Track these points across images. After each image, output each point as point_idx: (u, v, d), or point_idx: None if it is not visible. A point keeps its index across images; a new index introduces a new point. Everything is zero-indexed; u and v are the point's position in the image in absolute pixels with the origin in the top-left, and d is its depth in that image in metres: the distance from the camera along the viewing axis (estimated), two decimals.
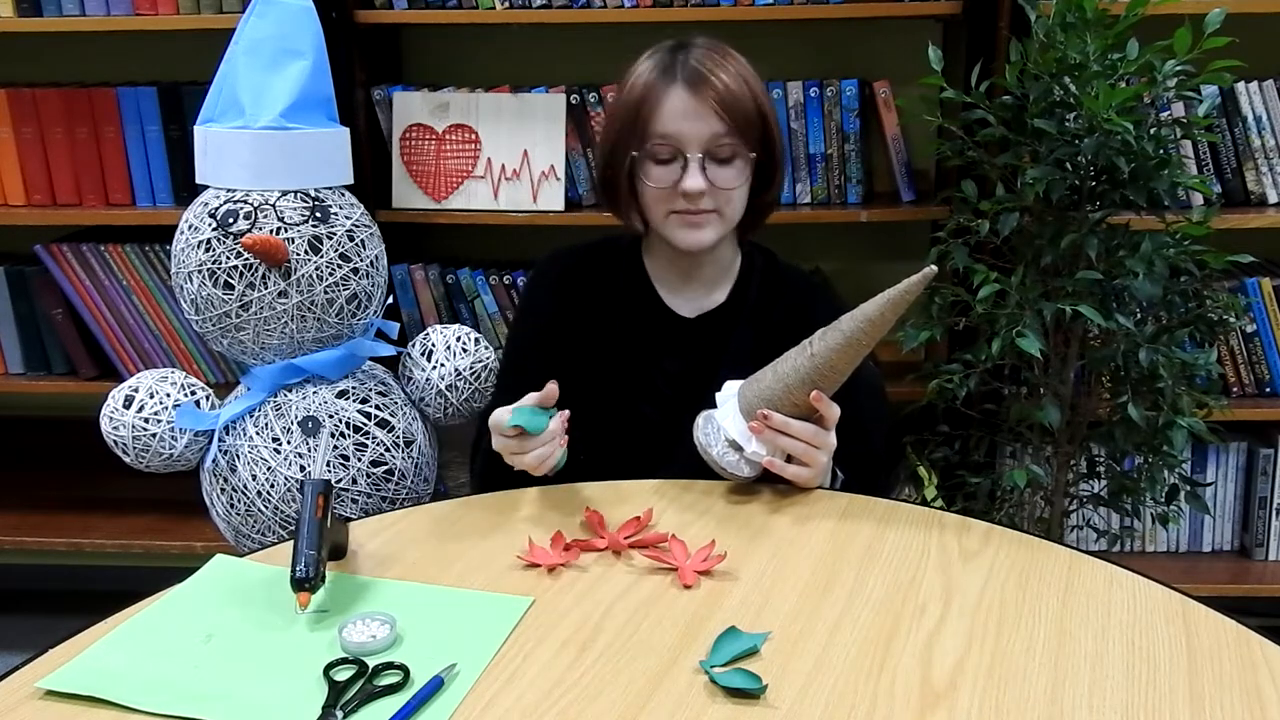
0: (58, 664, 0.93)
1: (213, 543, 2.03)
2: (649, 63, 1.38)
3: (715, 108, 1.32)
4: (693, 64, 1.34)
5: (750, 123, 1.34)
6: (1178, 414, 1.64)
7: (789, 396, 1.22)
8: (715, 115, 1.32)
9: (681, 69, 1.34)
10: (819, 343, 1.21)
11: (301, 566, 1.00)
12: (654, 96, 1.34)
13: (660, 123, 1.33)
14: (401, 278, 2.11)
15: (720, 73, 1.34)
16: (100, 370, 2.18)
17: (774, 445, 1.23)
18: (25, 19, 2.03)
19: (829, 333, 1.21)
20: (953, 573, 1.08)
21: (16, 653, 1.15)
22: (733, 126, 1.33)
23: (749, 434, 1.23)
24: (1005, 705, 0.87)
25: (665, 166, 1.35)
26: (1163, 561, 2.15)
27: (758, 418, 1.22)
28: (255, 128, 1.54)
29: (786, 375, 1.22)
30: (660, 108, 1.33)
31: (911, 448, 1.93)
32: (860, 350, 1.20)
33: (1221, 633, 0.97)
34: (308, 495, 1.06)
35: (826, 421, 1.24)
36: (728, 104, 1.32)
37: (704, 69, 1.34)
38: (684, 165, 1.33)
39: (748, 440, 1.23)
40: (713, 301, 1.46)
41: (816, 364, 1.20)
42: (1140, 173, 1.60)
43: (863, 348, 1.20)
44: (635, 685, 0.90)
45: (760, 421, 1.21)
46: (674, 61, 1.36)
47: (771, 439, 1.22)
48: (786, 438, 1.22)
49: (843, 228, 2.08)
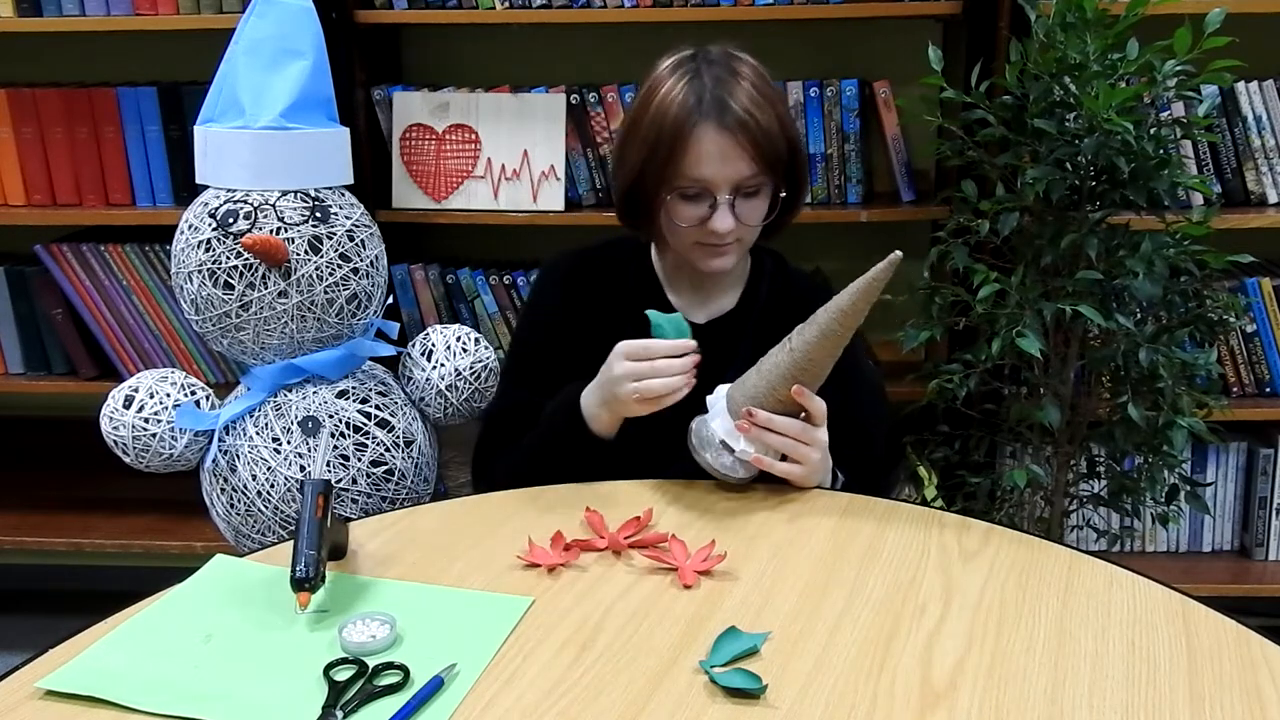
0: (58, 664, 0.93)
1: (213, 543, 2.03)
2: (676, 87, 1.32)
3: (749, 151, 1.30)
4: (723, 97, 1.30)
5: (780, 159, 1.33)
6: (1178, 414, 1.64)
7: (773, 394, 1.22)
8: (748, 158, 1.30)
9: (713, 104, 1.30)
10: (797, 338, 1.22)
11: (301, 566, 1.00)
12: (684, 135, 1.30)
13: (691, 166, 1.31)
14: (401, 278, 2.11)
15: (752, 109, 1.30)
16: (100, 370, 2.18)
17: (763, 443, 1.23)
18: (25, 19, 2.03)
19: (806, 328, 1.22)
20: (953, 573, 1.08)
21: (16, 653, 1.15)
22: (763, 167, 1.32)
23: (737, 433, 1.23)
24: (1005, 705, 0.87)
25: (693, 203, 1.33)
26: (1163, 561, 2.15)
27: (743, 416, 1.22)
28: (255, 128, 1.54)
29: (769, 373, 1.23)
30: (691, 151, 1.30)
31: (911, 448, 1.93)
32: (838, 342, 1.20)
33: (1221, 633, 0.97)
34: (308, 495, 1.06)
35: (813, 417, 1.24)
36: (760, 145, 1.30)
37: (736, 105, 1.29)
38: (712, 204, 1.32)
39: (736, 440, 1.23)
40: (722, 307, 1.46)
41: (796, 359, 1.21)
42: (1140, 173, 1.60)
43: (839, 339, 1.20)
44: (635, 685, 0.90)
45: (746, 420, 1.22)
46: (702, 89, 1.31)
47: (759, 436, 1.22)
48: (774, 435, 1.22)
49: (843, 228, 2.08)
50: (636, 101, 1.39)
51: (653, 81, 1.36)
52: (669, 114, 1.31)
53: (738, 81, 1.32)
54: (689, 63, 1.35)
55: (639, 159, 1.35)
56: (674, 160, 1.31)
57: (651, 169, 1.33)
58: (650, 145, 1.33)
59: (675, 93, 1.32)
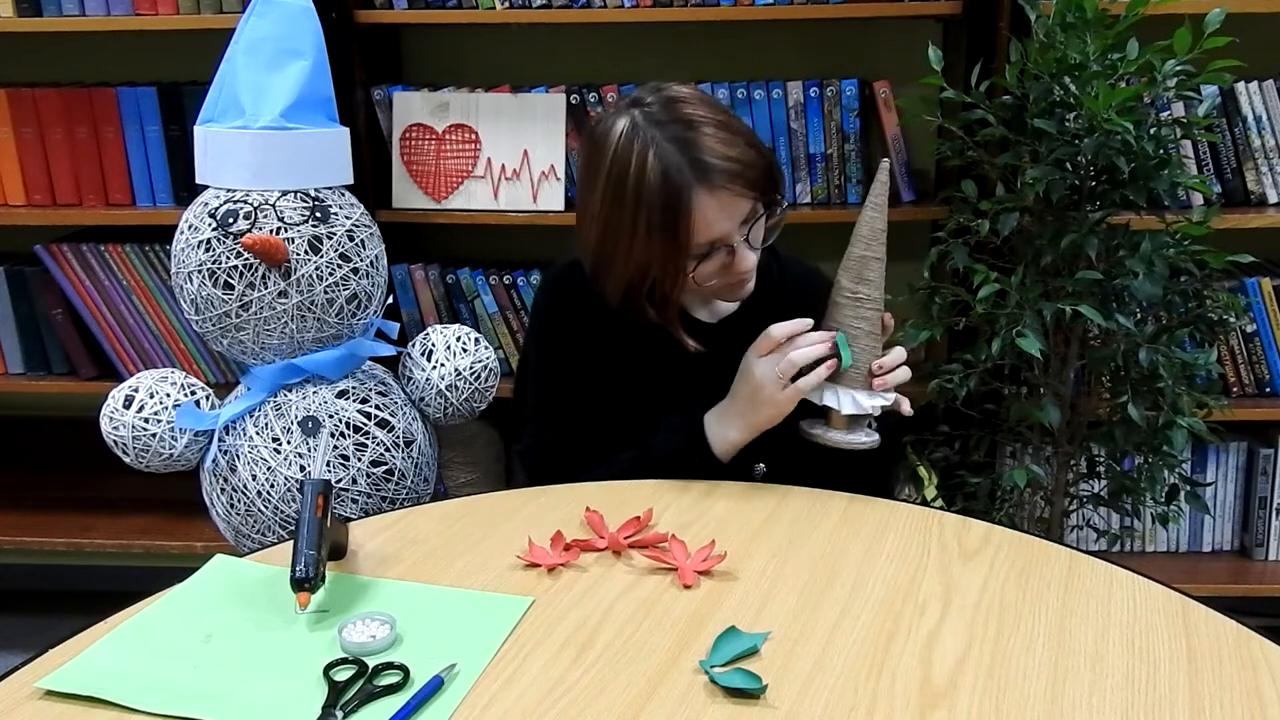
0: (58, 664, 0.93)
1: (213, 543, 2.03)
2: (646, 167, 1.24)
3: (742, 192, 1.27)
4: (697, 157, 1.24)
5: (764, 176, 1.30)
6: (1178, 414, 1.64)
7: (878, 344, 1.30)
8: (743, 198, 1.27)
9: (691, 168, 1.24)
10: (863, 287, 1.28)
11: (301, 567, 1.00)
12: (682, 211, 1.24)
13: (701, 234, 1.26)
14: (401, 278, 2.11)
15: (727, 150, 1.26)
16: (100, 370, 2.18)
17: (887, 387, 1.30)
18: (25, 19, 2.03)
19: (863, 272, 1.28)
20: (953, 573, 1.08)
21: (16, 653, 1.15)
22: (757, 195, 1.30)
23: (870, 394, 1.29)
24: (1005, 705, 0.87)
25: (710, 260, 1.30)
26: (1163, 561, 2.15)
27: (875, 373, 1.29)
28: (255, 128, 1.54)
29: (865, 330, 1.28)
30: (695, 223, 1.25)
31: (911, 448, 1.93)
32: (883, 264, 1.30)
33: (1221, 633, 0.97)
34: (308, 495, 1.06)
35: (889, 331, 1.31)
36: (748, 180, 1.27)
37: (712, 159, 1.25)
38: (729, 250, 1.30)
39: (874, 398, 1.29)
40: (727, 307, 1.45)
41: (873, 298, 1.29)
42: (1140, 173, 1.60)
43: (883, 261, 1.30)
44: (635, 685, 0.90)
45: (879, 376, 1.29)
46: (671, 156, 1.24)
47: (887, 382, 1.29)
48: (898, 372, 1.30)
49: (843, 228, 2.06)
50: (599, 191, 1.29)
51: (611, 165, 1.27)
52: (651, 198, 1.25)
53: (697, 129, 1.26)
54: (636, 133, 1.26)
55: (640, 252, 1.28)
56: (681, 239, 1.26)
57: (659, 256, 1.28)
58: (645, 236, 1.26)
59: (647, 174, 1.25)
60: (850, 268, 1.29)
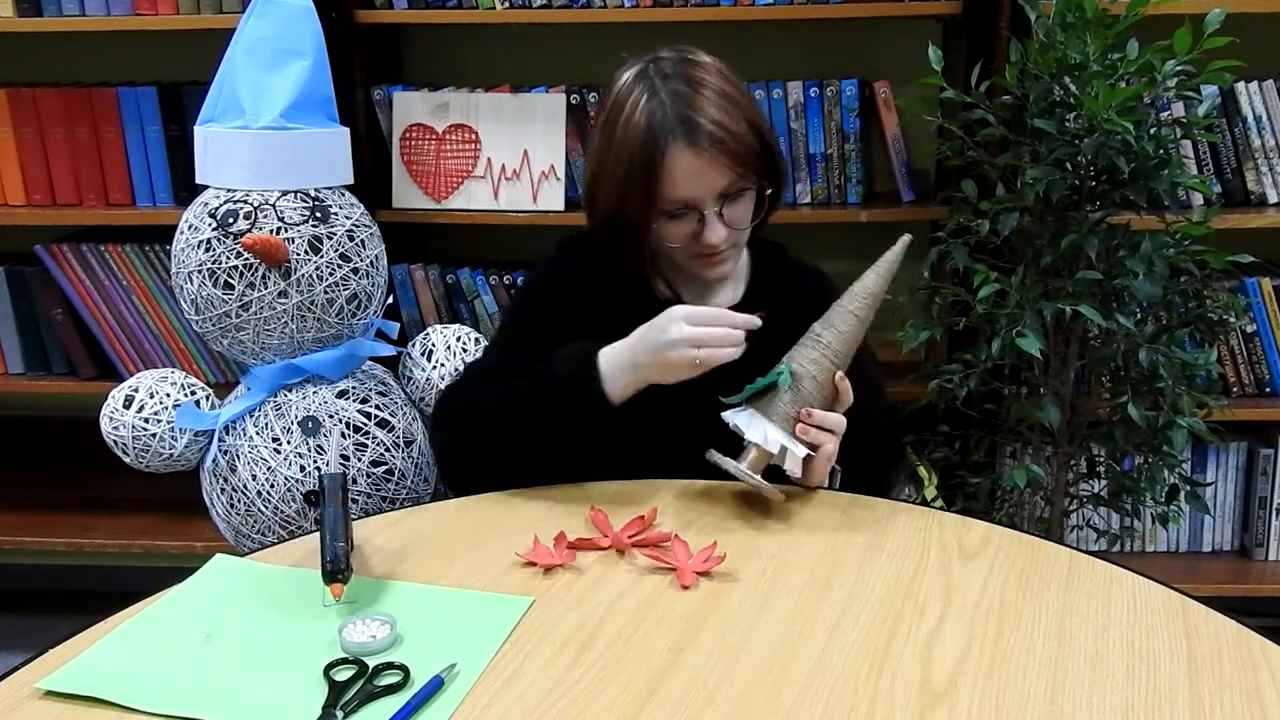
0: (58, 664, 0.93)
1: (213, 543, 2.03)
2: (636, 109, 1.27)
3: (725, 161, 1.26)
4: (687, 113, 1.25)
5: (757, 159, 1.30)
6: (1178, 414, 1.64)
7: (821, 391, 1.23)
8: (725, 168, 1.27)
9: (678, 122, 1.25)
10: (829, 332, 1.24)
11: (331, 559, 1.01)
12: (655, 161, 1.26)
13: (670, 189, 1.27)
14: (401, 278, 2.11)
15: (721, 118, 1.26)
16: (100, 370, 2.18)
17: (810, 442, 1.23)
18: (25, 19, 2.03)
19: (835, 321, 1.24)
20: (953, 573, 1.08)
21: (16, 653, 1.15)
22: (742, 171, 1.29)
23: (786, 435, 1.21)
24: (1005, 705, 0.87)
25: (680, 221, 1.31)
26: (1163, 561, 2.15)
27: (803, 418, 1.21)
28: (255, 128, 1.54)
29: (811, 374, 1.23)
30: (667, 175, 1.26)
31: (911, 448, 1.93)
32: (864, 327, 1.26)
33: (1221, 633, 0.97)
34: (331, 488, 1.07)
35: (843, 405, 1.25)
36: (736, 153, 1.27)
37: (703, 119, 1.25)
38: (700, 218, 1.29)
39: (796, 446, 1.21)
40: (726, 301, 1.42)
41: (835, 350, 1.24)
42: (1140, 173, 1.60)
43: (866, 324, 1.26)
44: (635, 685, 0.90)
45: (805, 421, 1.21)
46: (662, 107, 1.26)
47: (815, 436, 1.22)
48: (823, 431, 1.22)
49: (843, 228, 2.08)
50: (599, 130, 1.33)
51: (611, 106, 1.31)
52: (635, 141, 1.27)
53: (699, 91, 1.27)
54: (642, 79, 1.30)
55: (614, 193, 1.31)
56: (651, 188, 1.27)
57: (630, 201, 1.29)
58: (622, 178, 1.29)
59: (637, 117, 1.27)
60: (829, 314, 1.26)
